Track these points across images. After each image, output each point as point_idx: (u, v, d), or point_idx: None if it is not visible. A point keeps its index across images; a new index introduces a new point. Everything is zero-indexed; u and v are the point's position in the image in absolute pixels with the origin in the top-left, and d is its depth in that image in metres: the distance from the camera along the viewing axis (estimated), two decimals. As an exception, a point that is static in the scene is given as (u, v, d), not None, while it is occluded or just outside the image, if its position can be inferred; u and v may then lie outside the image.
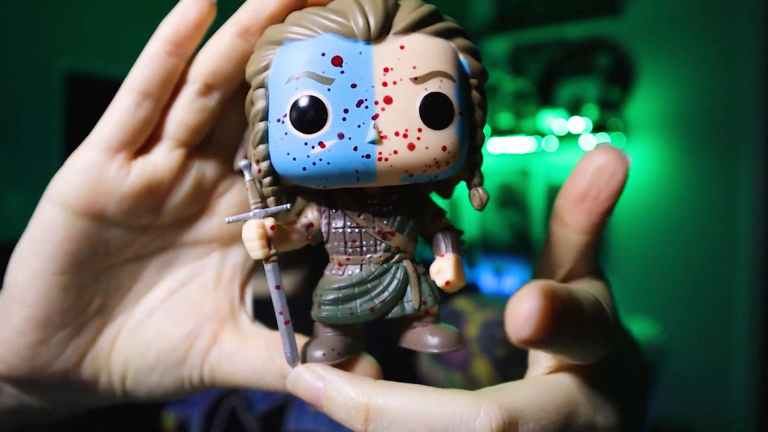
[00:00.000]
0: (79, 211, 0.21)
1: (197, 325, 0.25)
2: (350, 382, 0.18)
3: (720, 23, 1.98)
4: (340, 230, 0.21)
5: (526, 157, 2.40)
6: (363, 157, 0.18)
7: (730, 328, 1.96)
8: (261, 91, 0.19)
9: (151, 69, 0.21)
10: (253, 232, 0.19)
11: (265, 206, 0.20)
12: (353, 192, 0.21)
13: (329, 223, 0.21)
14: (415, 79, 0.18)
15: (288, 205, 0.20)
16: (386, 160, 0.18)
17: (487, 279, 2.45)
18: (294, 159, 0.18)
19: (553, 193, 2.33)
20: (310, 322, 0.23)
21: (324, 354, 0.20)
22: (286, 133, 0.18)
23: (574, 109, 2.22)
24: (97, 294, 0.23)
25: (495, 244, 2.48)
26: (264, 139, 0.19)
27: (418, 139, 0.18)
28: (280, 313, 0.20)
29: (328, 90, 0.18)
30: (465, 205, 2.55)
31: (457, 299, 0.67)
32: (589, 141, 2.19)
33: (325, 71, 0.18)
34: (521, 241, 2.42)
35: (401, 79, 0.18)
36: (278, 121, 0.19)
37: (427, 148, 0.19)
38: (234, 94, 0.23)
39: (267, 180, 0.20)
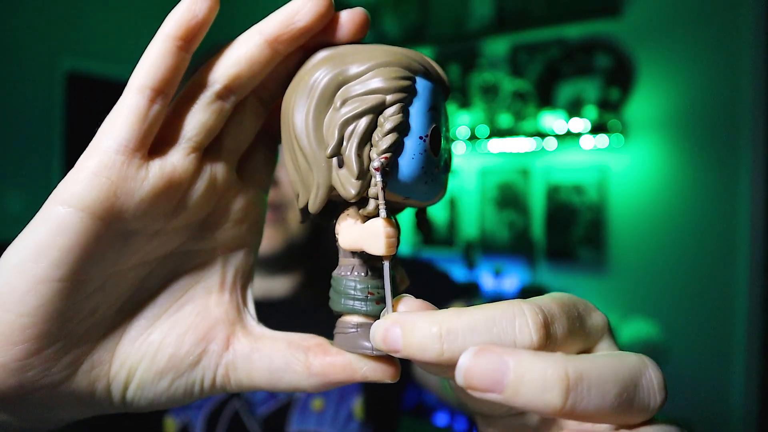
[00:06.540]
0: (97, 214, 0.19)
1: (209, 328, 0.24)
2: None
3: (720, 24, 1.98)
4: None
5: (526, 157, 2.40)
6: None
7: (730, 328, 1.96)
8: (399, 107, 0.21)
9: (163, 65, 0.20)
10: (393, 229, 0.21)
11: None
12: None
13: None
14: None
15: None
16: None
17: (486, 279, 2.45)
18: (425, 172, 0.22)
19: (553, 193, 2.34)
20: (313, 323, 0.23)
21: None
22: (425, 150, 0.22)
23: (573, 109, 2.22)
24: (100, 301, 0.22)
25: (494, 244, 2.48)
26: (394, 148, 0.21)
27: None
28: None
29: (440, 126, 0.23)
30: (465, 204, 2.55)
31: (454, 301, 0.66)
32: (588, 141, 2.19)
33: (441, 113, 0.23)
34: (521, 241, 2.43)
35: None
36: (420, 138, 0.21)
37: None
38: (245, 100, 0.24)
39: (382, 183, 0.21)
